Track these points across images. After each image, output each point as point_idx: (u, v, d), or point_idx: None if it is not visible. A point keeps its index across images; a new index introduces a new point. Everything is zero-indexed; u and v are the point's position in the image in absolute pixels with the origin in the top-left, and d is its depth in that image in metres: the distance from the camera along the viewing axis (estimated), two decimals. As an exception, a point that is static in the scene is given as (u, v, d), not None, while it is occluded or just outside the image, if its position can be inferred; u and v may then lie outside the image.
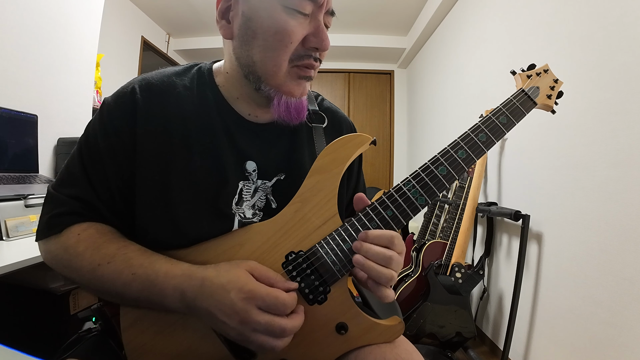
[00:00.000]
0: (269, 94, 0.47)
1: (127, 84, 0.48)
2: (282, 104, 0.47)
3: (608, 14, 1.02)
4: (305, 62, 0.46)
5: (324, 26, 0.46)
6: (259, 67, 0.46)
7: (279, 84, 0.47)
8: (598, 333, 1.01)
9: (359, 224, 0.45)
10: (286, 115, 0.48)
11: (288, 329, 0.38)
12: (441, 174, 0.46)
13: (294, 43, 0.44)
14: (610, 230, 0.99)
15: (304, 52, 0.46)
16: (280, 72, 0.45)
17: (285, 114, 0.48)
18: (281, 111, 0.48)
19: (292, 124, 0.51)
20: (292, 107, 0.48)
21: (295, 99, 0.48)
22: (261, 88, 0.47)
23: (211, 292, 0.39)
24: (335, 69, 3.74)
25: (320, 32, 0.45)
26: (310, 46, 0.45)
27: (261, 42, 0.44)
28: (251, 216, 0.49)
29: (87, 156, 0.46)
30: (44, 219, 0.45)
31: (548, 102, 0.54)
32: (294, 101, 0.48)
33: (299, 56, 0.46)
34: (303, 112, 0.50)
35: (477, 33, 1.96)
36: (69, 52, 1.52)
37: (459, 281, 1.46)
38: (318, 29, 0.45)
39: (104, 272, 0.42)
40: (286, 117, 0.48)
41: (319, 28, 0.45)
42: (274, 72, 0.45)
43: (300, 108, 0.49)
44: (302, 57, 0.46)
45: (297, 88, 0.48)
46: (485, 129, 0.48)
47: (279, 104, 0.47)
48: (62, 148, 1.45)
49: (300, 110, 0.49)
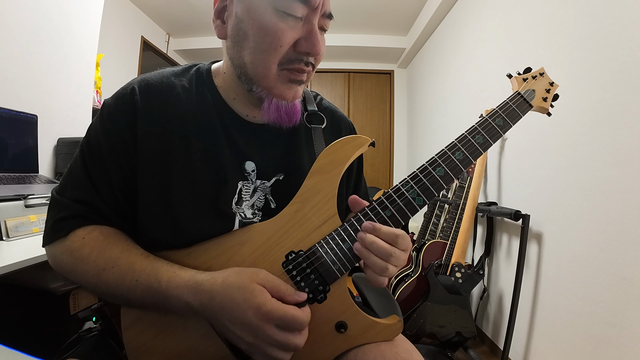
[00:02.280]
0: (260, 96, 0.47)
1: (127, 85, 0.48)
2: (272, 106, 0.47)
3: (608, 14, 1.02)
4: (295, 66, 0.45)
5: (317, 30, 0.45)
6: (250, 68, 0.45)
7: (270, 87, 0.46)
8: (598, 333, 1.02)
9: (358, 224, 0.45)
10: (276, 118, 0.48)
11: (300, 345, 0.39)
12: (439, 175, 0.46)
13: (283, 46, 0.43)
14: (610, 230, 0.99)
15: (295, 56, 0.45)
16: (270, 75, 0.45)
17: (275, 116, 0.47)
18: (271, 113, 0.47)
19: (285, 126, 0.50)
20: (282, 110, 0.47)
21: (287, 102, 0.47)
22: (253, 89, 0.47)
23: (223, 306, 0.39)
24: (335, 69, 3.74)
25: (313, 37, 0.44)
26: (301, 50, 0.45)
27: (252, 44, 0.44)
28: (251, 216, 0.49)
29: (89, 158, 0.46)
30: (49, 223, 0.45)
31: (544, 104, 0.54)
32: (284, 104, 0.47)
33: (290, 60, 0.45)
34: (295, 116, 0.49)
35: (476, 33, 1.96)
36: (69, 52, 1.52)
37: (459, 281, 1.46)
38: (310, 33, 0.44)
39: (108, 277, 0.42)
40: (276, 119, 0.48)
41: (311, 32, 0.44)
42: (264, 74, 0.45)
43: (293, 112, 0.48)
44: (292, 60, 0.45)
45: (288, 91, 0.47)
46: (482, 130, 0.49)
47: (269, 106, 0.47)
48: (62, 148, 1.45)
49: (292, 114, 0.48)
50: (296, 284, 0.44)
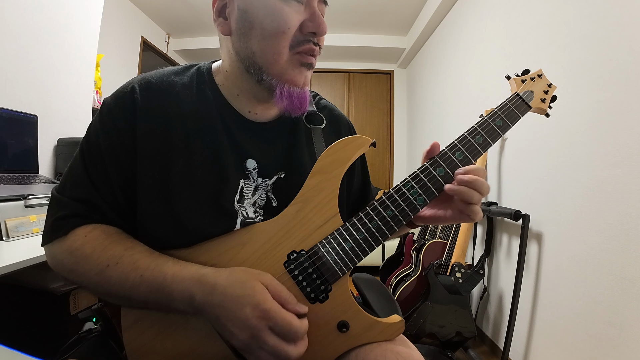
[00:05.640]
0: (271, 84, 0.47)
1: (127, 84, 0.48)
2: (284, 93, 0.47)
3: (608, 14, 1.02)
4: (305, 47, 0.46)
5: (319, 11, 0.46)
6: (259, 56, 0.46)
7: (281, 73, 0.46)
8: (598, 333, 1.02)
9: (359, 224, 0.45)
10: (289, 105, 0.48)
11: (293, 356, 0.38)
12: (439, 174, 0.47)
13: (291, 29, 0.44)
14: (610, 230, 0.99)
15: (303, 37, 0.46)
16: (281, 60, 0.45)
17: (288, 103, 0.48)
18: (283, 100, 0.47)
19: (294, 115, 0.51)
20: (295, 97, 0.48)
21: (298, 88, 0.48)
22: (263, 79, 0.47)
23: (223, 301, 0.39)
24: (335, 69, 3.74)
25: (317, 17, 0.45)
26: (307, 31, 0.46)
27: (259, 32, 0.44)
28: (253, 215, 0.49)
29: (88, 157, 0.46)
30: (48, 222, 0.45)
31: (542, 105, 0.55)
32: (296, 90, 0.48)
33: (299, 42, 0.46)
34: (305, 103, 0.50)
35: (476, 33, 1.96)
36: (69, 52, 1.52)
37: (459, 281, 1.46)
38: (314, 15, 0.45)
39: (111, 274, 0.42)
40: (289, 107, 0.48)
41: (314, 13, 0.45)
42: (274, 60, 0.45)
43: (303, 98, 0.49)
44: (301, 42, 0.46)
45: (299, 76, 0.48)
46: (481, 131, 0.49)
47: (282, 93, 0.47)
48: (62, 148, 1.45)
49: (303, 101, 0.49)
50: (298, 284, 0.44)
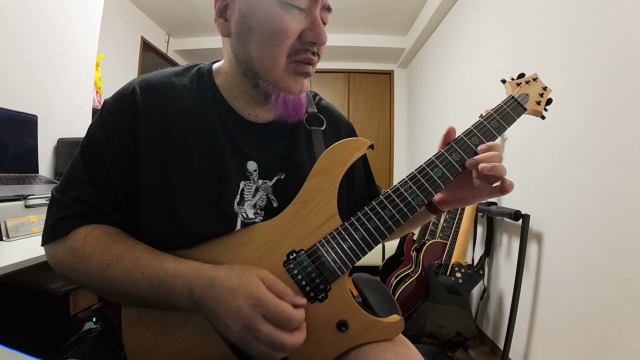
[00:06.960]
0: (267, 90, 0.47)
1: (127, 85, 0.48)
2: (279, 100, 0.47)
3: (608, 14, 1.02)
4: (303, 56, 0.46)
5: (320, 20, 0.46)
6: (256, 62, 0.46)
7: (276, 80, 0.46)
8: (598, 333, 1.02)
9: (358, 224, 0.46)
10: (284, 112, 0.48)
11: (288, 345, 0.38)
12: (436, 175, 0.47)
13: (290, 38, 0.44)
14: (610, 230, 0.99)
15: (302, 46, 0.46)
16: (278, 68, 0.45)
17: (282, 110, 0.48)
18: (278, 107, 0.48)
19: (290, 121, 0.51)
20: (290, 105, 0.48)
21: (294, 96, 0.48)
22: (259, 84, 0.47)
23: (219, 293, 0.39)
24: (335, 69, 3.74)
25: (317, 26, 0.45)
26: (307, 40, 0.45)
27: (257, 38, 0.44)
28: (253, 216, 0.49)
29: (89, 158, 0.46)
30: (49, 223, 0.45)
31: (537, 107, 0.56)
32: (291, 98, 0.48)
33: (297, 51, 0.46)
34: (301, 110, 0.50)
35: (476, 33, 1.96)
36: (69, 52, 1.52)
37: (459, 281, 1.46)
38: (314, 23, 0.45)
39: (113, 272, 0.42)
40: (284, 114, 0.48)
41: (315, 22, 0.45)
42: (270, 68, 0.45)
43: (299, 106, 0.49)
44: (299, 51, 0.46)
45: (295, 85, 0.48)
46: (477, 132, 0.50)
47: (277, 100, 0.47)
48: (62, 148, 1.45)
49: (299, 108, 0.49)
50: (297, 283, 0.44)
